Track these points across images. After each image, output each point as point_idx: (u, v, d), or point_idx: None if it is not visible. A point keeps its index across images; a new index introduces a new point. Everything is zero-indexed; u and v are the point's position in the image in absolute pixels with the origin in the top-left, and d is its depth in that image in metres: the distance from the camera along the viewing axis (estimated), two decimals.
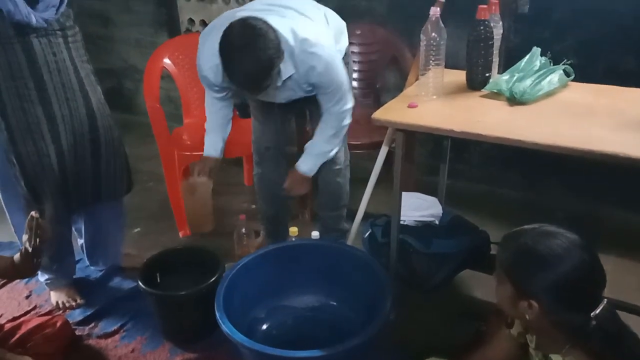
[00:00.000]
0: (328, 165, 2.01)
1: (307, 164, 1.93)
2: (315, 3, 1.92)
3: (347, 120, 1.88)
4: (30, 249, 1.48)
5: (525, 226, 1.20)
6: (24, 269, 1.54)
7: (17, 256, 1.53)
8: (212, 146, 2.00)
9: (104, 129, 1.90)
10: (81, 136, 1.84)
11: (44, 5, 1.67)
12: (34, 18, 1.64)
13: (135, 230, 2.55)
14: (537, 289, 1.13)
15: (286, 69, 1.69)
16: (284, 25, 1.66)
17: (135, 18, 3.40)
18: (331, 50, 1.76)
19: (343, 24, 1.97)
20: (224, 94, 1.92)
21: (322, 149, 1.91)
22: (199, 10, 3.14)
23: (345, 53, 1.97)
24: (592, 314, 1.11)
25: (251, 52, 1.55)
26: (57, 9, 1.71)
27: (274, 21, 1.64)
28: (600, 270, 1.14)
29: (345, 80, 1.81)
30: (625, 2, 2.11)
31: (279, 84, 1.72)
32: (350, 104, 1.86)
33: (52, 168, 1.80)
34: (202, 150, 2.41)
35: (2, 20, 1.61)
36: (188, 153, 2.38)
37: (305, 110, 2.08)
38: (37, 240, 1.47)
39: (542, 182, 2.57)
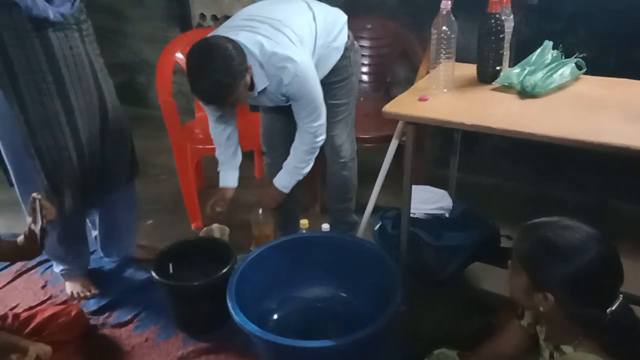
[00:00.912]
0: (333, 159, 2.04)
1: (282, 180, 2.00)
2: (303, 6, 1.91)
3: (320, 138, 1.92)
4: (35, 230, 1.50)
5: (545, 218, 1.20)
6: (28, 250, 1.56)
7: (20, 238, 1.55)
8: (228, 179, 2.10)
9: (114, 121, 1.93)
10: (96, 128, 1.88)
11: (60, 0, 1.69)
12: (51, 12, 1.66)
13: (149, 222, 2.58)
14: (554, 281, 1.13)
15: (260, 80, 1.77)
16: (254, 40, 1.73)
17: (147, 12, 3.42)
18: (303, 64, 1.77)
19: (342, 19, 1.97)
20: (220, 113, 1.97)
21: (295, 165, 1.97)
22: (210, 5, 3.15)
23: (346, 47, 1.98)
24: (608, 310, 1.11)
25: (209, 71, 1.64)
26: (73, 4, 1.73)
27: (244, 37, 1.73)
28: (619, 266, 1.14)
29: (318, 95, 1.85)
30: None
31: (255, 94, 1.80)
32: (321, 120, 1.89)
33: (71, 160, 1.83)
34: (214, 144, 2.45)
35: (20, 15, 1.63)
36: (200, 146, 2.40)
37: None
38: (43, 220, 1.49)
39: (553, 175, 2.57)
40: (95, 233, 2.23)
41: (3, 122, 1.79)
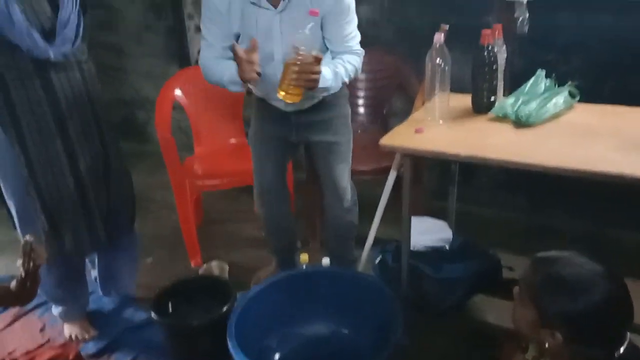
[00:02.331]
0: (336, 203, 2.00)
1: (327, 72, 1.70)
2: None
3: (359, 65, 1.81)
4: (24, 274, 1.48)
5: (556, 252, 1.19)
6: (21, 295, 1.54)
7: (13, 283, 1.53)
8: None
9: (115, 162, 1.94)
10: (98, 168, 1.88)
11: (61, 40, 1.71)
12: (52, 53, 1.69)
13: (148, 259, 2.57)
14: (562, 319, 1.11)
15: None
16: None
17: (147, 50, 3.48)
18: None
19: None
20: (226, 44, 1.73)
21: (346, 68, 1.75)
22: None
23: None
24: (616, 353, 1.09)
25: None
26: (74, 44, 1.76)
27: None
28: (629, 306, 1.12)
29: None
30: (630, 23, 2.12)
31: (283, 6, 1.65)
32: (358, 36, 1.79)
33: (72, 200, 1.83)
34: (214, 179, 2.47)
35: (22, 56, 1.66)
36: (199, 182, 2.41)
37: (302, 147, 2.08)
38: (32, 264, 1.47)
39: (551, 205, 2.56)
40: (94, 273, 2.21)
41: (4, 163, 1.80)
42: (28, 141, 1.74)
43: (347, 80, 1.78)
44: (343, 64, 1.74)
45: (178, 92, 2.63)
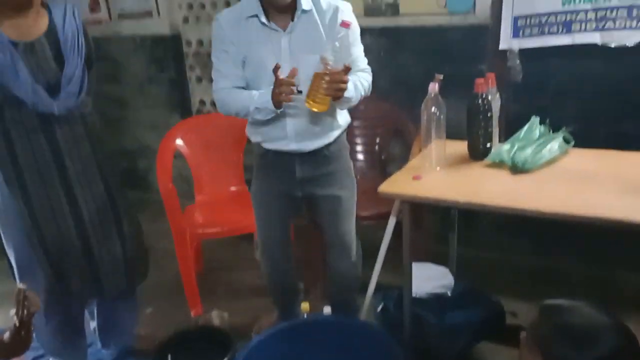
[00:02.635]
0: (342, 259, 1.99)
1: (349, 84, 1.70)
2: None
3: (370, 83, 1.88)
4: (18, 323, 1.46)
5: (566, 301, 1.18)
6: (15, 345, 1.51)
7: (7, 334, 1.51)
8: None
9: (122, 212, 1.95)
10: (102, 219, 1.89)
11: (65, 94, 1.76)
12: (56, 108, 1.73)
13: (148, 309, 2.54)
14: None
15: (305, 1, 1.70)
16: None
17: (150, 100, 3.55)
18: None
19: None
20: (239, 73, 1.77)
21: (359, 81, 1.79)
22: (210, 91, 3.27)
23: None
24: None
25: None
26: (77, 98, 1.81)
27: None
28: None
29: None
30: (618, 69, 2.17)
31: (298, 15, 1.69)
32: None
33: (75, 250, 1.84)
34: (214, 228, 2.47)
35: (27, 111, 1.70)
36: (200, 231, 2.42)
37: (304, 204, 2.03)
38: (25, 313, 1.45)
39: (555, 247, 2.55)
40: (93, 324, 2.19)
41: (6, 215, 1.81)
42: (31, 193, 1.76)
43: (363, 94, 1.83)
44: (359, 80, 1.79)
45: (179, 141, 2.67)
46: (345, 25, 1.63)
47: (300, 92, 1.65)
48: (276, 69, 1.63)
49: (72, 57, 1.74)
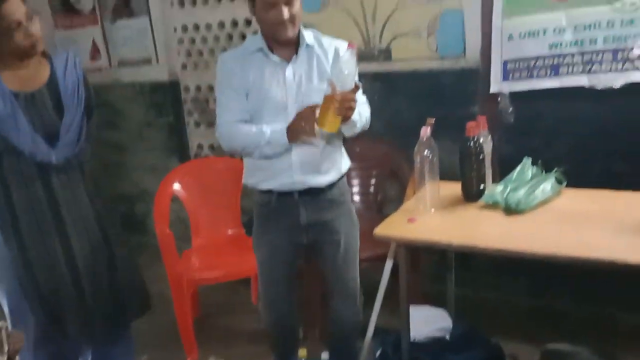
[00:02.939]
0: (347, 306, 1.97)
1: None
2: None
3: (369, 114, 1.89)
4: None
5: (567, 347, 1.18)
6: None
7: None
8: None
9: (121, 259, 1.95)
10: (97, 268, 1.89)
11: (63, 143, 1.79)
12: (54, 157, 1.76)
13: (143, 356, 2.49)
14: None
15: (307, 36, 1.75)
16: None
17: (148, 145, 3.59)
18: None
19: None
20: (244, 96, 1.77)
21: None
22: (208, 135, 3.33)
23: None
24: None
25: None
26: (76, 146, 1.83)
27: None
28: None
29: None
30: (608, 108, 2.22)
31: (302, 50, 1.74)
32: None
33: (70, 299, 1.83)
34: (211, 273, 2.46)
35: (25, 160, 1.73)
36: (197, 276, 2.41)
37: (307, 252, 2.00)
38: (10, 348, 1.42)
39: (554, 287, 2.53)
40: None
41: (1, 262, 1.81)
42: (26, 240, 1.77)
43: (364, 123, 1.84)
44: (360, 110, 1.77)
45: (177, 185, 2.69)
46: (352, 46, 1.63)
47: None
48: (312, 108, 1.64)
49: (72, 106, 1.78)
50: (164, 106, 3.44)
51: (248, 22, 2.99)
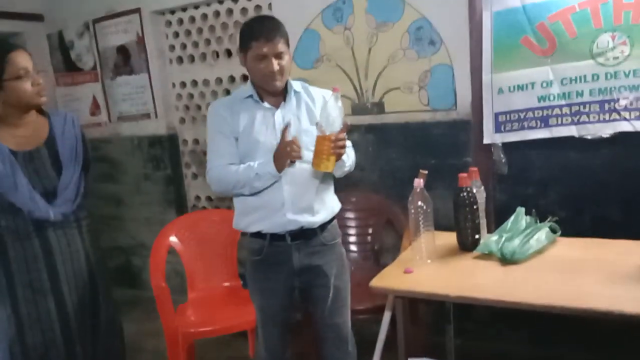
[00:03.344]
0: (340, 349, 1.95)
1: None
2: None
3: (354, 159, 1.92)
4: None
5: None
6: None
7: None
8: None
9: (106, 316, 1.93)
10: (86, 322, 1.87)
11: (61, 200, 1.81)
12: (52, 214, 1.77)
13: None
14: None
15: (295, 85, 1.83)
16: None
17: (146, 198, 3.61)
18: None
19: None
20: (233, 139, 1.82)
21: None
22: (206, 187, 3.36)
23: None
24: None
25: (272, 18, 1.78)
26: (73, 202, 1.85)
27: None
28: None
29: None
30: (597, 157, 2.26)
31: (290, 97, 1.80)
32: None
33: (60, 357, 1.80)
34: (207, 327, 2.42)
35: (23, 218, 1.74)
36: (192, 330, 2.37)
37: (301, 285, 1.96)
38: None
39: (555, 337, 2.50)
40: None
41: None
42: (20, 299, 1.76)
43: (351, 165, 1.88)
44: (347, 153, 1.81)
45: (173, 238, 2.69)
46: (336, 90, 1.70)
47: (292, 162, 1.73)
48: (285, 129, 1.71)
49: (70, 164, 1.81)
50: (162, 159, 3.48)
51: (245, 78, 3.07)
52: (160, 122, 3.42)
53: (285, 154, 1.70)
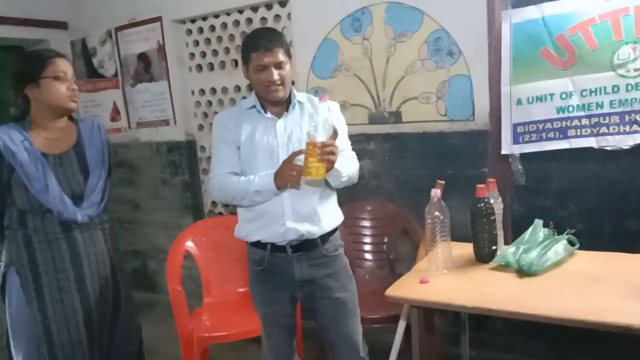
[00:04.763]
0: (349, 355, 1.93)
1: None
2: None
3: (357, 169, 1.90)
4: None
5: None
6: None
7: None
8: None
9: (125, 317, 1.96)
10: (106, 323, 1.91)
11: (88, 203, 1.86)
12: (79, 215, 1.82)
13: None
14: None
15: (299, 96, 1.86)
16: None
17: (163, 203, 3.66)
18: None
19: None
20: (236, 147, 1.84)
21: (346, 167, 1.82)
22: None
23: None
24: None
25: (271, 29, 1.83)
26: (99, 206, 1.90)
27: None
28: None
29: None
30: (618, 170, 2.23)
31: (293, 106, 1.83)
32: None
33: (85, 357, 1.83)
34: (222, 332, 2.44)
35: (51, 220, 1.79)
36: (207, 334, 2.39)
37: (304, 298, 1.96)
38: None
39: (571, 350, 2.47)
40: None
41: (19, 321, 1.83)
42: (47, 299, 1.79)
43: (350, 174, 1.83)
44: (347, 162, 1.82)
45: (190, 243, 2.72)
46: (324, 97, 1.71)
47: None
48: (296, 153, 1.70)
49: (96, 169, 1.87)
50: (180, 165, 3.52)
51: None
52: (178, 128, 3.46)
53: (286, 177, 1.71)
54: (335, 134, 1.70)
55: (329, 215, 1.86)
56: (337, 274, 1.88)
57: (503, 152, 2.37)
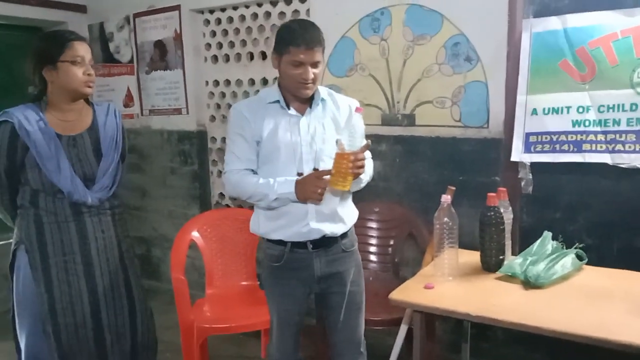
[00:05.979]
0: (353, 354, 1.94)
1: None
2: None
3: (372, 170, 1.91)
4: None
5: None
6: None
7: None
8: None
9: (139, 302, 1.97)
10: (120, 310, 1.92)
11: (99, 186, 1.87)
12: (89, 198, 1.83)
13: None
14: None
15: (322, 92, 1.82)
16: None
17: (170, 192, 3.66)
18: None
19: None
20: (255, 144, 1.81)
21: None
22: None
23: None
24: None
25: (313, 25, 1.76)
26: (110, 189, 1.91)
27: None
28: None
29: None
30: (630, 188, 2.21)
31: (317, 103, 1.79)
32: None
33: (88, 340, 1.84)
34: (223, 324, 2.44)
35: (62, 201, 1.80)
36: (207, 325, 2.39)
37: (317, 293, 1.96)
38: None
39: None
40: None
41: (25, 300, 1.85)
42: (53, 280, 1.80)
43: (368, 179, 1.87)
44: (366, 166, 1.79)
45: (195, 233, 2.73)
46: (359, 110, 1.73)
47: (316, 169, 1.72)
48: (324, 172, 1.68)
49: (109, 153, 1.87)
50: (189, 154, 3.53)
51: None
52: (190, 118, 3.47)
53: (309, 193, 1.69)
54: (367, 146, 1.68)
55: (348, 212, 1.87)
56: (352, 269, 1.89)
57: (512, 159, 2.35)
